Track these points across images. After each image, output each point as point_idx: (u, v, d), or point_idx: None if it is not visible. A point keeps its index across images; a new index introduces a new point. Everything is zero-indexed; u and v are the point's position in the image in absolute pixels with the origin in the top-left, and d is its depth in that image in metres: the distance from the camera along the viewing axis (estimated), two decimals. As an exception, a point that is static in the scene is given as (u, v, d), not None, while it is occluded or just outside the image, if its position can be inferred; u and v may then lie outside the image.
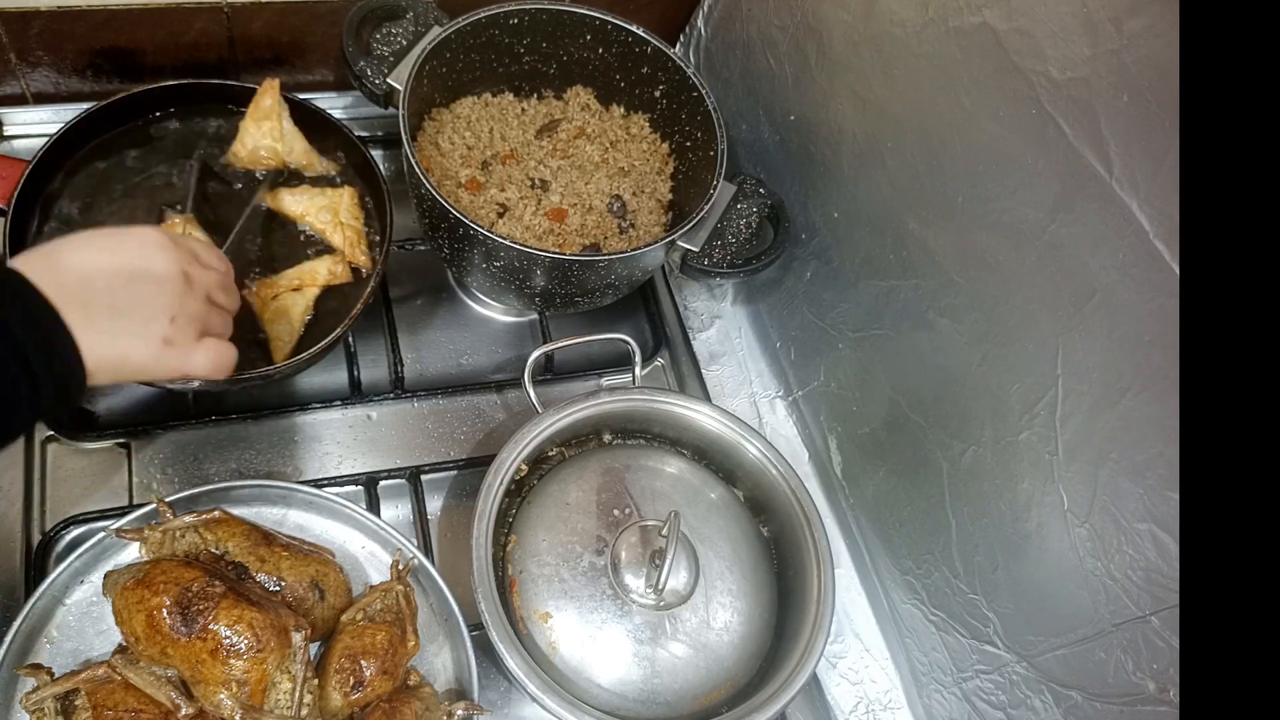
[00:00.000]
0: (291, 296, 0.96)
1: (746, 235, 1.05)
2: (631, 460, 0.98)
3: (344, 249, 1.00)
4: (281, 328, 0.95)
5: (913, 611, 0.98)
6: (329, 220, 1.00)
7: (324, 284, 0.98)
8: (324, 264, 0.98)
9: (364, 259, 1.00)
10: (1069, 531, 0.75)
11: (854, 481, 1.07)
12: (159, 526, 0.81)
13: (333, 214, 1.00)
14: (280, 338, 0.95)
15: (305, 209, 1.01)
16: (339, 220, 1.00)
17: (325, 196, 1.01)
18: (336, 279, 0.98)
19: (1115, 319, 0.68)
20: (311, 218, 1.00)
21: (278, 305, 0.95)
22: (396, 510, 1.01)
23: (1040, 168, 0.72)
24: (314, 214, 1.00)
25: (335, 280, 0.98)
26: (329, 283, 0.98)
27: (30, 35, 1.01)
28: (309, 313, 0.97)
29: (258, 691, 0.75)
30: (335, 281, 0.98)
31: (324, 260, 0.98)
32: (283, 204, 1.01)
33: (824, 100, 0.99)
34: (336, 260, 0.99)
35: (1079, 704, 0.77)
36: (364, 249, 1.01)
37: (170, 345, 0.67)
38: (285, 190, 1.01)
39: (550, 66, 1.14)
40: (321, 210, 1.00)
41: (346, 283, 0.99)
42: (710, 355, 1.21)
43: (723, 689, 0.89)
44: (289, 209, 1.01)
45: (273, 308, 0.95)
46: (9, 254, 0.90)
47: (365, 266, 1.00)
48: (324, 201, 1.01)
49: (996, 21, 0.74)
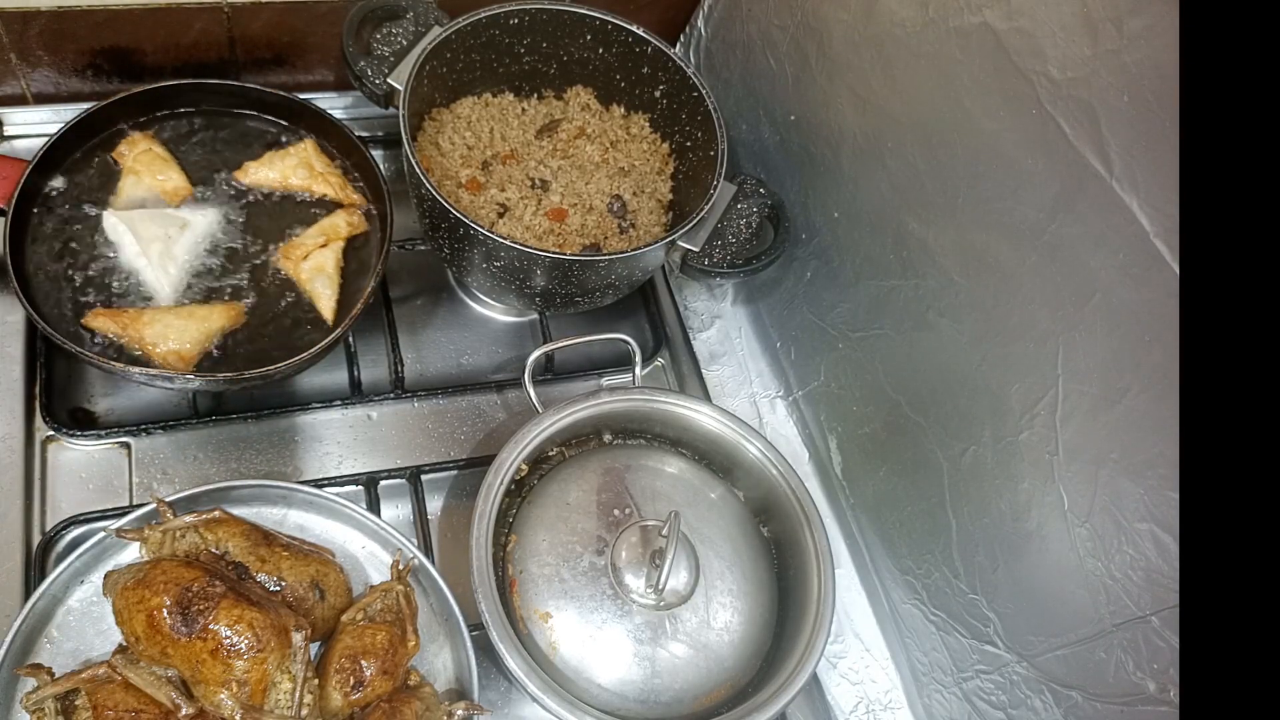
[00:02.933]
0: (322, 254, 0.99)
1: (746, 235, 1.05)
2: (632, 460, 0.98)
3: (333, 193, 1.02)
4: (321, 285, 0.98)
5: (913, 611, 0.98)
6: (307, 174, 1.02)
7: (346, 235, 1.01)
8: (341, 217, 1.02)
9: (355, 197, 1.04)
10: (1069, 531, 0.75)
11: (854, 481, 1.07)
12: (159, 526, 0.81)
13: (308, 168, 1.02)
14: (323, 295, 0.98)
15: (280, 172, 1.02)
16: (315, 171, 1.02)
17: (292, 155, 1.03)
18: (356, 229, 1.02)
19: (1115, 319, 0.68)
20: (290, 178, 1.02)
21: (312, 265, 0.98)
22: (397, 510, 1.01)
23: (1040, 168, 0.72)
24: (291, 174, 1.02)
25: (355, 230, 1.02)
26: (351, 233, 1.02)
27: (30, 35, 1.01)
28: (341, 265, 1.00)
29: (258, 691, 0.75)
30: (356, 231, 1.02)
31: (339, 214, 1.02)
32: (258, 177, 1.02)
33: (824, 100, 0.99)
34: (351, 212, 1.02)
35: (1079, 704, 0.77)
36: (350, 188, 1.04)
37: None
38: (251, 163, 1.02)
39: (550, 66, 1.14)
40: (296, 168, 1.02)
41: (365, 232, 1.03)
42: (710, 355, 1.21)
43: (723, 689, 0.89)
44: (265, 179, 1.02)
45: (307, 269, 0.98)
46: (9, 253, 0.90)
47: (359, 203, 1.04)
48: (294, 160, 1.03)
49: (996, 21, 0.74)
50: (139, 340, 0.90)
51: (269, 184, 1.03)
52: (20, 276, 0.89)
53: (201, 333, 0.92)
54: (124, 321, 0.90)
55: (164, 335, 0.90)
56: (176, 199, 0.99)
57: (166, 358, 0.90)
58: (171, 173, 0.99)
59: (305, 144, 1.05)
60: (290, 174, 1.02)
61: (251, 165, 1.02)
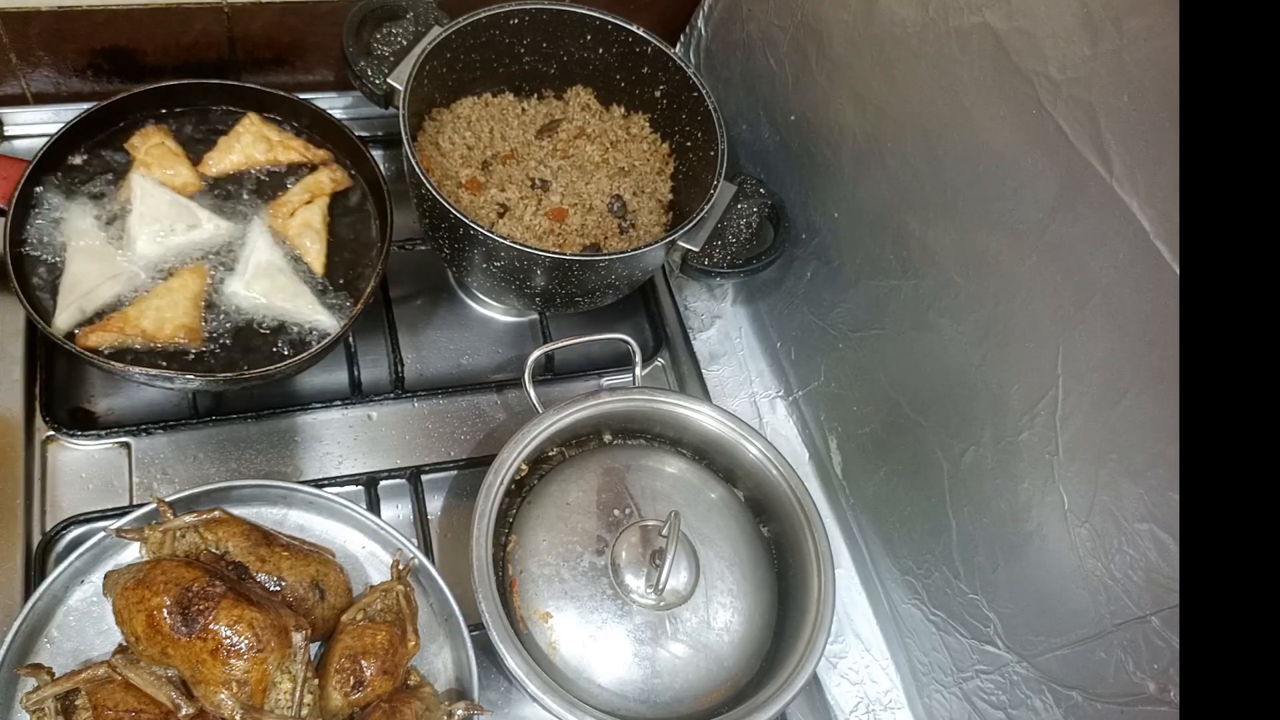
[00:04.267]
0: (308, 209, 1.00)
1: (747, 235, 1.05)
2: (632, 460, 0.98)
3: (301, 157, 1.03)
4: (309, 240, 0.99)
5: (913, 611, 0.98)
6: (266, 148, 1.02)
7: (330, 191, 1.02)
8: (323, 174, 1.03)
9: (321, 153, 1.05)
10: (1069, 531, 0.75)
11: (854, 481, 1.07)
12: (159, 526, 0.81)
13: (265, 141, 1.02)
14: (311, 250, 0.99)
15: (242, 155, 1.02)
16: (273, 142, 1.03)
17: (242, 133, 1.03)
18: (340, 185, 1.03)
19: (1115, 319, 0.68)
20: (255, 155, 1.02)
21: (299, 221, 0.99)
22: (397, 510, 1.01)
23: (1040, 168, 0.72)
24: (253, 151, 1.02)
25: (339, 185, 1.03)
26: (335, 189, 1.03)
27: (31, 35, 1.01)
28: (327, 220, 1.01)
29: (258, 691, 0.75)
30: (340, 186, 1.04)
31: (321, 171, 1.03)
32: (222, 166, 1.02)
33: (824, 100, 0.99)
34: (332, 169, 1.04)
35: (1079, 704, 0.77)
36: (311, 147, 1.05)
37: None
38: (209, 154, 1.02)
39: (550, 66, 1.14)
40: (253, 144, 1.02)
41: (348, 188, 1.04)
42: (710, 355, 1.21)
43: (723, 689, 0.89)
44: (231, 164, 1.02)
45: (295, 225, 0.99)
46: (9, 253, 0.90)
47: (327, 158, 1.05)
48: (248, 138, 1.03)
49: (996, 21, 0.74)
50: (142, 334, 0.90)
51: (235, 167, 1.02)
52: (20, 276, 0.89)
53: (187, 299, 0.93)
54: (118, 326, 0.90)
55: (160, 318, 0.91)
56: (185, 194, 1.00)
57: (176, 335, 0.91)
58: (181, 168, 1.00)
59: (248, 118, 1.04)
60: (252, 151, 1.02)
61: (210, 157, 1.02)
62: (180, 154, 1.01)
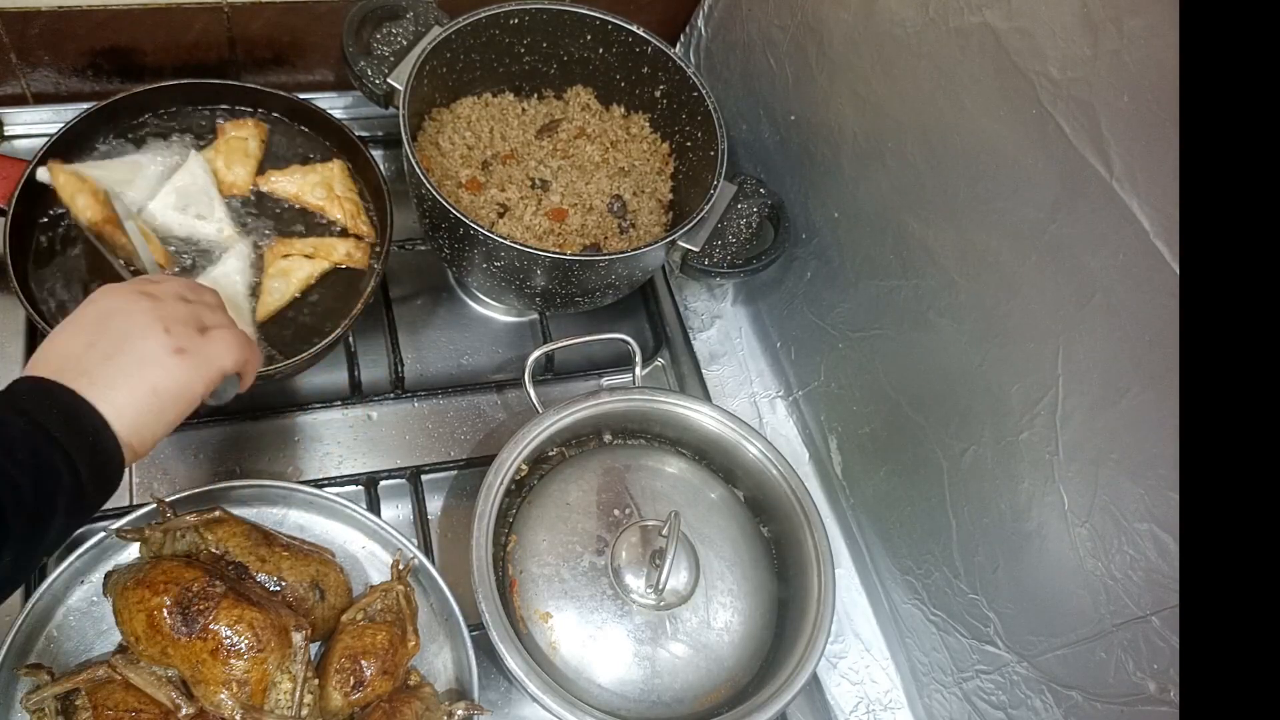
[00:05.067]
0: (300, 261, 0.98)
1: (747, 235, 1.05)
2: (632, 460, 0.98)
3: (344, 220, 1.01)
4: (276, 284, 0.96)
5: (913, 611, 0.98)
6: (324, 195, 1.01)
7: (337, 262, 0.99)
8: (344, 244, 1.00)
9: (365, 228, 1.02)
10: (1069, 531, 0.75)
11: (854, 481, 1.07)
12: (159, 526, 0.81)
13: (327, 188, 1.01)
14: (271, 292, 0.96)
15: (299, 188, 1.01)
16: (334, 194, 1.01)
17: (316, 173, 1.02)
18: (352, 262, 1.00)
19: (1115, 319, 0.68)
20: (307, 195, 1.01)
21: (284, 264, 0.97)
22: (397, 510, 1.01)
23: (1040, 168, 0.72)
24: (308, 191, 1.01)
25: (349, 263, 1.00)
26: (342, 263, 1.00)
27: (31, 35, 1.01)
28: (310, 281, 0.98)
29: (258, 691, 0.75)
30: (348, 264, 1.00)
31: (345, 241, 1.01)
32: (276, 186, 1.02)
33: (824, 100, 0.99)
34: (357, 246, 1.00)
35: (1079, 704, 0.77)
36: (364, 220, 1.02)
37: (183, 353, 0.65)
38: (274, 171, 1.02)
39: (550, 66, 1.14)
40: (315, 186, 1.01)
41: (359, 270, 1.00)
42: (710, 355, 1.21)
43: (723, 689, 0.89)
44: (283, 190, 1.01)
45: (278, 265, 0.97)
46: (9, 253, 0.90)
47: (367, 235, 1.02)
48: (316, 178, 1.02)
49: (996, 21, 0.74)
50: None
51: (284, 195, 1.02)
52: (20, 276, 0.89)
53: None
54: None
55: None
56: (228, 193, 1.00)
57: None
58: (242, 170, 1.01)
59: (333, 165, 1.04)
60: (308, 190, 1.01)
61: (274, 174, 1.02)
62: (254, 157, 1.02)
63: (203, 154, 1.01)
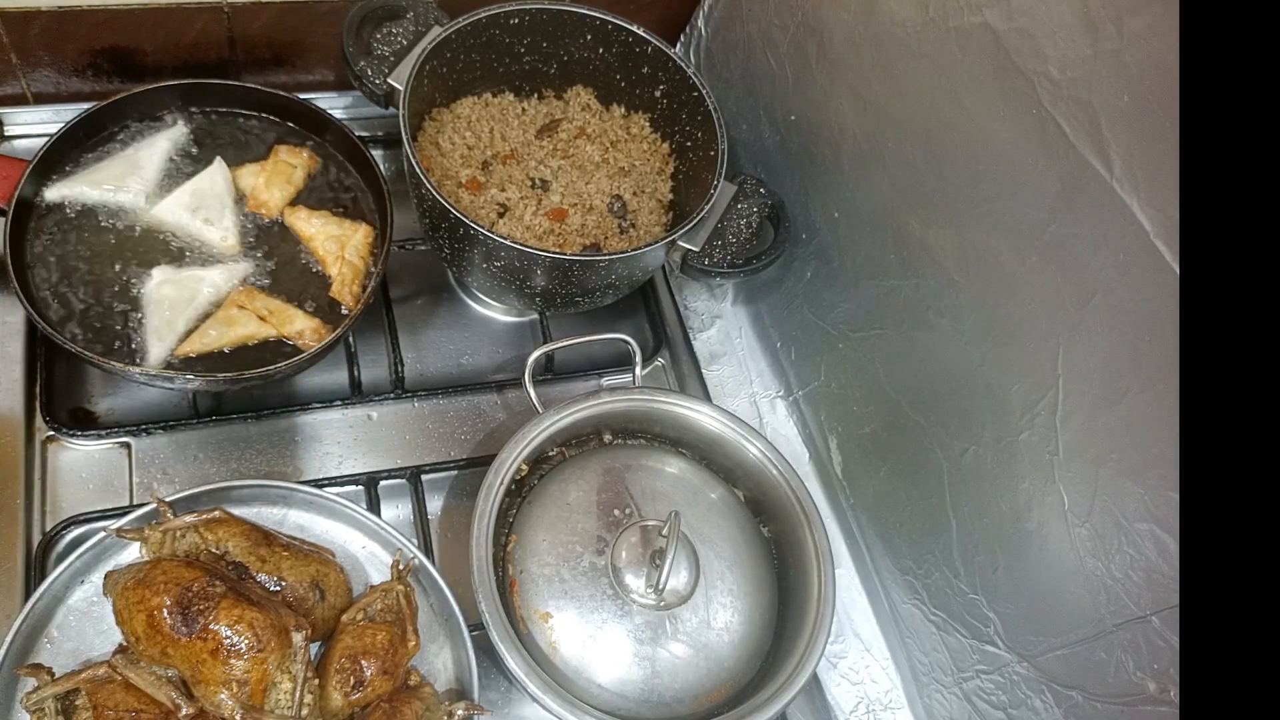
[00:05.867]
0: (248, 319, 0.93)
1: (747, 235, 1.05)
2: (632, 460, 0.98)
3: (336, 283, 0.98)
4: (214, 330, 0.93)
5: (913, 611, 0.98)
6: (334, 251, 0.99)
7: (285, 336, 0.94)
8: (307, 323, 0.95)
9: (349, 299, 0.98)
10: (1069, 531, 0.75)
11: (854, 481, 1.07)
12: (159, 526, 0.81)
13: (339, 245, 0.99)
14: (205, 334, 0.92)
15: (316, 232, 1.00)
16: (343, 255, 0.99)
17: (340, 228, 1.01)
18: (300, 340, 0.94)
19: (1115, 319, 0.68)
20: (318, 243, 1.00)
21: (234, 314, 0.94)
22: (397, 510, 1.01)
23: (1040, 168, 0.72)
24: (321, 240, 1.00)
25: (298, 340, 0.94)
26: (291, 339, 0.94)
27: (31, 35, 1.01)
28: (246, 343, 0.94)
29: (258, 691, 0.75)
30: (296, 341, 0.94)
31: (310, 320, 0.95)
32: (297, 221, 1.01)
33: (824, 100, 0.99)
34: (318, 330, 0.95)
35: (1079, 704, 0.77)
36: (354, 290, 0.98)
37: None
38: (305, 208, 1.01)
39: (551, 66, 1.14)
40: (330, 239, 1.00)
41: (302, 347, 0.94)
42: (710, 355, 1.21)
43: (723, 689, 0.89)
44: (301, 228, 1.00)
45: (229, 312, 0.94)
46: (9, 253, 0.90)
47: (348, 305, 0.97)
48: (336, 232, 1.00)
49: (996, 21, 0.74)
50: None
51: (301, 233, 1.00)
52: (20, 276, 0.89)
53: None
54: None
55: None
56: (256, 209, 1.00)
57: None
58: (278, 193, 1.01)
59: (360, 228, 1.01)
60: (323, 239, 0.99)
61: (303, 210, 1.01)
62: (295, 187, 1.02)
63: (247, 168, 1.01)
